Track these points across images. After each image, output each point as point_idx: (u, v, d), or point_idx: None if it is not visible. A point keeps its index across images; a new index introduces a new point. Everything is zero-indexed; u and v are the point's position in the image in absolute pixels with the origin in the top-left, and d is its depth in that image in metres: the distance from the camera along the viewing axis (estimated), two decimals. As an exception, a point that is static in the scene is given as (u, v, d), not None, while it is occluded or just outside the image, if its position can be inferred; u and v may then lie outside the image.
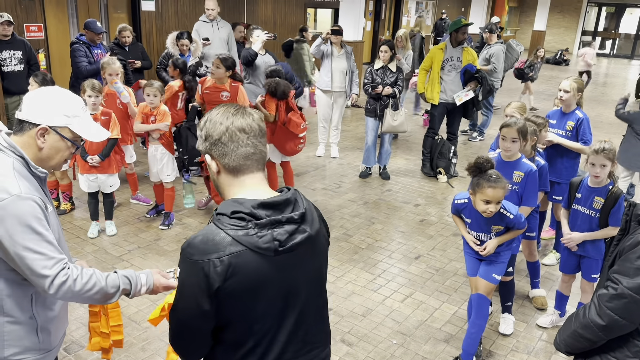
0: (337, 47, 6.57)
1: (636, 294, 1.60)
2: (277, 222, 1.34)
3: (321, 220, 1.53)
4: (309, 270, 1.46)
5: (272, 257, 1.34)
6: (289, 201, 1.40)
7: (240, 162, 1.39)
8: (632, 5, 23.29)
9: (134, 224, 4.75)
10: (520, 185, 3.19)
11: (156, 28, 10.76)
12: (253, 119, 1.41)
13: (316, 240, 1.45)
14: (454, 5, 20.86)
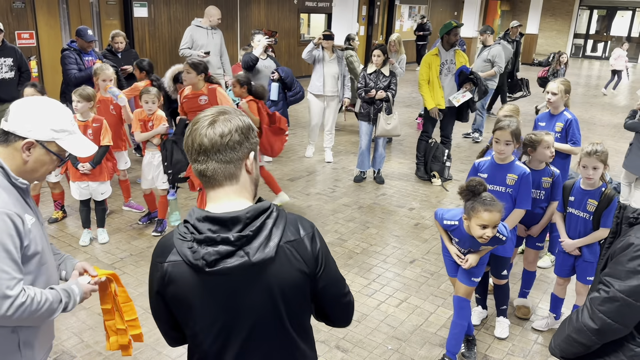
0: (329, 51, 6.59)
1: (628, 297, 1.58)
2: (211, 240, 1.28)
3: (298, 250, 1.35)
4: (255, 300, 1.34)
5: (205, 275, 1.29)
6: (237, 219, 1.29)
7: (198, 177, 1.36)
8: (622, 7, 23.47)
9: (127, 232, 4.71)
10: (513, 188, 3.17)
11: (149, 34, 10.75)
12: (209, 134, 1.30)
13: (263, 269, 1.31)
14: (447, 9, 20.97)
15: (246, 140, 1.35)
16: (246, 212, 1.30)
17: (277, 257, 1.32)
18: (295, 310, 1.40)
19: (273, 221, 1.33)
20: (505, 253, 3.22)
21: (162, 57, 10.98)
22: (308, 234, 1.39)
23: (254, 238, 1.30)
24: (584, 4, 24.31)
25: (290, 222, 1.38)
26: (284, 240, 1.34)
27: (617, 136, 8.90)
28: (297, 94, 6.43)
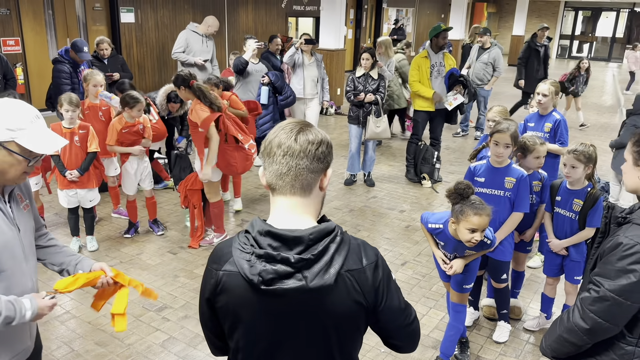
0: (308, 55, 6.67)
1: (618, 296, 1.59)
2: (271, 257, 1.22)
3: (359, 281, 1.27)
4: (306, 325, 1.29)
5: (259, 292, 1.24)
6: (300, 240, 1.22)
7: (273, 179, 1.29)
8: (607, 8, 23.78)
9: (116, 239, 4.67)
10: (512, 191, 3.12)
11: (136, 40, 10.69)
12: (301, 139, 1.26)
13: (319, 295, 1.24)
14: (434, 12, 21.11)
15: (329, 155, 1.31)
16: (309, 233, 1.23)
17: (335, 285, 1.24)
18: (347, 341, 1.34)
19: (336, 246, 1.25)
20: (504, 257, 3.21)
21: (149, 62, 10.93)
22: (371, 263, 1.30)
23: (314, 262, 1.23)
24: (569, 6, 24.60)
25: (354, 249, 1.29)
26: (345, 268, 1.26)
27: (604, 136, 8.99)
28: (288, 97, 6.45)
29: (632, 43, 19.20)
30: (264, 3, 13.53)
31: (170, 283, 3.94)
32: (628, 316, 1.62)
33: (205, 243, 4.59)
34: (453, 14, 15.42)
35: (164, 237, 4.71)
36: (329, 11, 9.86)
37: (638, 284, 1.56)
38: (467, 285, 2.95)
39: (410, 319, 1.41)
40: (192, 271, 4.13)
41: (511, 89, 10.35)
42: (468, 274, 2.92)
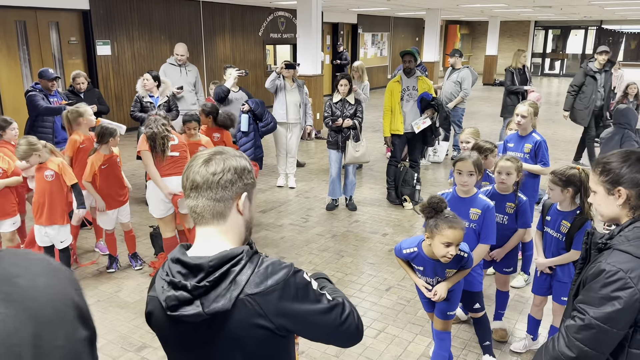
0: (289, 80, 6.71)
1: (604, 324, 1.57)
2: (174, 285, 1.25)
3: (262, 305, 1.24)
4: (211, 352, 1.30)
5: (169, 317, 1.27)
6: (200, 268, 1.24)
7: (190, 212, 1.36)
8: (575, 27, 24.51)
9: (94, 276, 4.55)
10: (477, 222, 3.05)
11: (113, 72, 10.67)
12: (202, 171, 1.30)
13: (219, 321, 1.24)
14: (408, 35, 21.51)
15: (239, 179, 1.33)
16: (210, 260, 1.25)
17: (235, 310, 1.23)
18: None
19: (238, 270, 1.25)
20: (472, 288, 3.13)
21: (127, 93, 10.89)
22: (277, 284, 1.25)
23: (212, 289, 1.24)
24: (539, 25, 25.31)
25: (260, 272, 1.26)
26: (245, 292, 1.24)
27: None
28: (269, 124, 6.46)
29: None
30: (241, 31, 13.66)
31: (150, 321, 3.84)
32: (614, 343, 1.60)
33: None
34: (427, 37, 15.72)
35: (143, 273, 4.61)
36: (305, 38, 9.97)
37: (623, 311, 1.54)
38: (451, 312, 2.91)
39: (341, 319, 1.34)
40: (173, 307, 4.03)
41: (487, 109, 10.53)
42: (451, 301, 2.88)
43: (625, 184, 1.65)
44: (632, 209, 1.66)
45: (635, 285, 1.53)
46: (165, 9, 11.48)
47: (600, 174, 1.71)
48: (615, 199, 1.68)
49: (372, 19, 18.88)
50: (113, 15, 10.42)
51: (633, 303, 1.54)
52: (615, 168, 1.67)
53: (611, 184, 1.68)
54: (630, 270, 1.54)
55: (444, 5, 14.43)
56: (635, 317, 1.56)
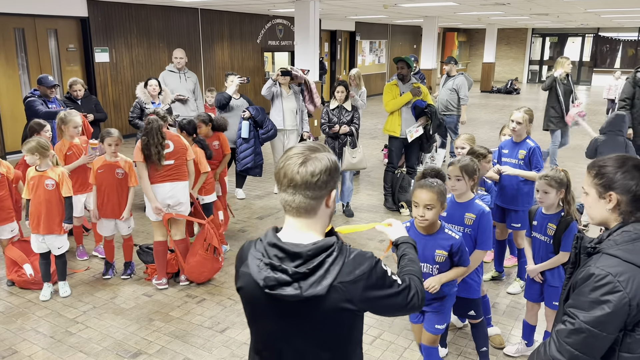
0: (286, 87, 6.72)
1: (594, 328, 1.57)
2: (274, 267, 1.44)
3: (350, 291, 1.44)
4: (301, 328, 1.50)
5: (264, 293, 1.45)
6: (299, 255, 1.43)
7: (283, 204, 1.51)
8: (573, 34, 24.65)
9: (89, 283, 4.54)
10: (472, 227, 3.03)
11: (111, 79, 10.70)
12: (302, 171, 1.44)
13: (313, 303, 1.43)
14: (406, 43, 21.62)
15: (331, 180, 1.49)
16: (308, 249, 1.43)
17: (328, 295, 1.42)
18: (340, 341, 1.53)
19: (332, 260, 1.43)
20: (468, 294, 3.11)
21: (125, 100, 10.92)
22: (363, 274, 1.45)
23: (310, 275, 1.42)
24: (537, 32, 25.45)
25: (349, 262, 1.45)
26: (338, 280, 1.43)
27: (577, 157, 9.16)
28: (269, 131, 6.49)
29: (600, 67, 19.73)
30: (239, 39, 13.72)
31: (145, 327, 3.83)
32: (604, 347, 1.60)
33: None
34: (424, 44, 15.79)
35: (139, 280, 4.60)
36: (303, 45, 10.01)
37: (612, 315, 1.55)
38: (440, 326, 2.86)
39: (407, 300, 1.56)
40: (168, 314, 4.02)
41: (484, 115, 10.55)
42: (441, 314, 2.84)
43: (617, 190, 1.65)
44: (622, 214, 1.67)
45: (624, 289, 1.54)
46: (164, 17, 11.53)
47: (594, 177, 1.71)
48: (606, 202, 1.68)
49: (370, 27, 18.97)
50: (111, 23, 10.47)
51: (622, 307, 1.54)
52: (609, 172, 1.68)
53: (604, 188, 1.68)
54: (619, 274, 1.55)
55: (441, 13, 14.51)
56: (625, 321, 1.56)
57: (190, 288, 4.44)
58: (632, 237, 1.59)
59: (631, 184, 1.63)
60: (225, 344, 3.61)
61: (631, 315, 1.55)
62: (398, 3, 11.28)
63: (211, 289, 4.44)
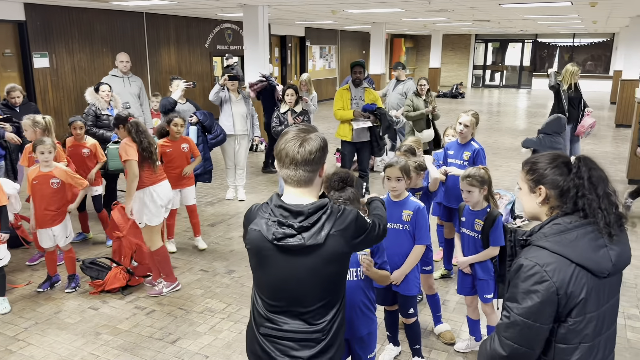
0: (234, 92, 6.67)
1: (527, 319, 1.61)
2: (281, 223, 1.77)
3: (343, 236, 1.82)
4: (304, 270, 1.82)
5: (271, 245, 1.79)
6: (302, 212, 1.77)
7: (285, 177, 1.84)
8: (513, 40, 25.71)
9: (31, 298, 4.32)
10: (410, 224, 3.14)
11: (52, 85, 10.26)
12: (302, 151, 1.76)
13: (314, 250, 1.78)
14: (355, 48, 21.91)
15: (324, 155, 1.83)
16: (308, 208, 1.78)
17: (326, 242, 1.78)
18: (334, 279, 1.89)
19: (327, 216, 1.80)
20: (409, 292, 3.17)
21: (67, 107, 10.50)
22: (351, 223, 1.84)
23: (310, 228, 1.77)
24: (479, 38, 26.38)
25: (339, 216, 1.82)
26: (333, 229, 1.79)
27: (519, 158, 9.54)
28: (218, 136, 6.38)
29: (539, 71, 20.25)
30: (187, 43, 13.49)
31: (91, 342, 3.67)
32: (541, 338, 1.64)
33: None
34: (373, 50, 16.04)
35: (85, 293, 4.42)
36: (252, 50, 9.95)
37: (542, 304, 1.59)
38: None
39: (376, 232, 2.01)
40: (116, 327, 3.88)
41: (432, 118, 10.80)
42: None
43: (547, 184, 1.72)
44: (552, 208, 1.74)
45: (550, 279, 1.59)
46: (107, 21, 11.19)
47: (527, 172, 1.80)
48: (536, 196, 1.76)
49: (320, 32, 19.10)
50: (51, 27, 10.05)
51: (550, 295, 1.59)
52: (540, 168, 1.75)
53: (534, 183, 1.76)
54: (546, 265, 1.60)
55: (388, 19, 14.80)
56: (556, 311, 1.61)
57: (139, 300, 4.31)
58: (561, 229, 1.64)
59: (559, 179, 1.71)
60: (176, 355, 3.52)
61: (562, 305, 1.60)
62: (346, 9, 11.42)
63: (161, 299, 4.32)
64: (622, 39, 19.34)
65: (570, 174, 1.70)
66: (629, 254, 1.70)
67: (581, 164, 1.70)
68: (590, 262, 1.60)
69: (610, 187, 1.70)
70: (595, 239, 1.62)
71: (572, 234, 1.62)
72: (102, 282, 4.37)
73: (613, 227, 1.64)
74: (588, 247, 1.61)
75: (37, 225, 4.23)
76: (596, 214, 1.64)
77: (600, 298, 1.65)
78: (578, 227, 1.63)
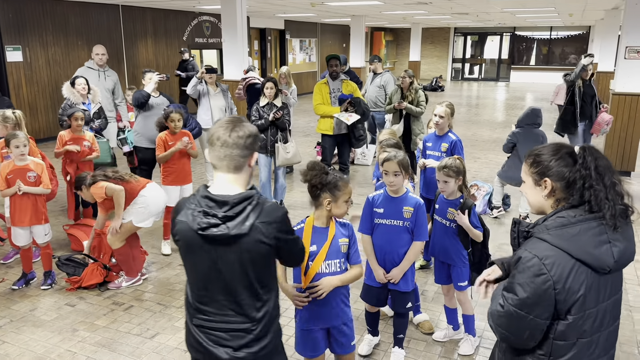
0: (212, 86, 6.62)
1: (519, 310, 1.59)
2: (206, 213, 1.79)
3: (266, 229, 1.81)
4: (230, 260, 1.82)
5: (198, 235, 1.80)
6: (226, 202, 1.79)
7: (214, 162, 1.85)
8: (492, 33, 25.95)
9: (5, 295, 4.23)
10: (410, 220, 3.04)
11: (25, 79, 10.05)
12: (233, 135, 1.81)
13: (238, 240, 1.78)
14: (335, 41, 21.88)
15: (254, 143, 1.87)
16: (233, 198, 1.79)
17: (250, 233, 1.79)
18: (260, 271, 1.87)
19: (252, 207, 1.80)
20: (407, 288, 3.14)
21: (42, 101, 10.30)
22: (276, 219, 1.83)
23: (235, 217, 1.78)
24: (458, 31, 26.56)
25: (266, 209, 1.82)
26: (258, 220, 1.80)
27: (497, 150, 9.66)
28: (193, 129, 6.30)
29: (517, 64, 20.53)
30: (164, 36, 13.32)
31: (68, 339, 3.62)
32: (534, 331, 1.62)
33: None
34: (353, 43, 16.05)
35: (61, 289, 4.35)
36: (230, 43, 9.86)
37: (536, 298, 1.57)
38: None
39: (299, 247, 2.04)
40: (93, 323, 3.83)
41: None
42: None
43: (552, 176, 1.67)
44: (557, 200, 1.69)
45: (548, 272, 1.56)
46: (82, 14, 10.97)
47: (530, 165, 1.74)
48: (541, 189, 1.70)
49: (299, 25, 19.02)
50: (24, 20, 9.83)
51: (546, 290, 1.56)
52: (544, 160, 1.70)
53: (539, 175, 1.71)
54: (545, 258, 1.57)
55: (367, 12, 14.81)
56: (554, 306, 1.58)
57: (117, 295, 4.26)
58: (564, 222, 1.60)
59: (565, 171, 1.66)
60: (155, 350, 3.49)
61: (560, 302, 1.57)
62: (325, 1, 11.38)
63: (139, 294, 4.28)
64: (597, 31, 19.67)
65: (576, 165, 1.65)
66: (632, 250, 1.64)
67: (586, 153, 1.65)
68: (591, 257, 1.56)
69: (617, 177, 1.64)
70: (598, 234, 1.58)
71: (575, 228, 1.58)
72: (79, 278, 4.31)
73: (619, 218, 1.60)
74: (590, 242, 1.57)
75: (14, 223, 4.15)
76: (603, 206, 1.59)
77: (601, 294, 1.61)
78: (582, 222, 1.59)
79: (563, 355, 1.63)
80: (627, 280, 4.58)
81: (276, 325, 1.98)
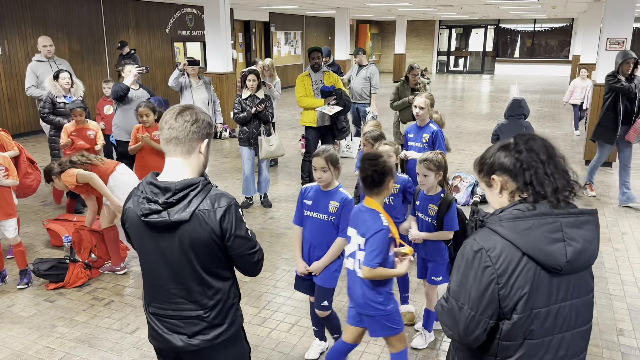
0: (195, 78, 6.56)
1: (457, 300, 1.55)
2: (148, 199, 1.77)
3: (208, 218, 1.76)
4: (172, 248, 1.80)
5: (142, 222, 1.79)
6: (169, 189, 1.76)
7: (163, 146, 1.83)
8: (476, 25, 26.04)
9: (-17, 293, 4.16)
10: (336, 215, 2.96)
11: (4, 73, 9.87)
12: (179, 119, 1.79)
13: (179, 226, 1.76)
14: (320, 34, 21.79)
15: (204, 129, 1.84)
16: (176, 185, 1.76)
17: (191, 220, 1.75)
18: (205, 260, 1.83)
19: (195, 193, 1.77)
20: (323, 283, 3.04)
21: (21, 95, 10.11)
22: (220, 207, 1.78)
23: (176, 204, 1.75)
24: (443, 24, 26.61)
25: (211, 197, 1.79)
26: (200, 208, 1.76)
27: (482, 142, 9.71)
28: None
29: (502, 56, 20.63)
30: (147, 28, 13.14)
31: (47, 335, 3.57)
32: (472, 327, 1.54)
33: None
34: (338, 36, 15.99)
35: (40, 285, 4.28)
36: (214, 35, 9.77)
37: (477, 290, 1.51)
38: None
39: (254, 250, 1.90)
40: (73, 318, 3.78)
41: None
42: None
43: (496, 172, 1.62)
44: (511, 194, 1.61)
45: (492, 265, 1.49)
46: (62, 6, 10.77)
47: (478, 172, 1.70)
48: (494, 189, 1.65)
49: (284, 18, 18.90)
50: (2, 12, 9.62)
51: (489, 283, 1.49)
52: (486, 160, 1.66)
53: (487, 176, 1.65)
54: (491, 249, 1.50)
55: (352, 4, 14.74)
56: (497, 302, 1.51)
57: (97, 290, 4.20)
58: (518, 215, 1.52)
59: (505, 162, 1.60)
60: (135, 345, 3.45)
61: (503, 297, 1.50)
62: (309, -7, 11.31)
63: (120, 289, 4.23)
64: (580, 24, 19.84)
65: (511, 151, 1.60)
66: (592, 253, 1.54)
67: (517, 138, 1.62)
68: (541, 254, 1.48)
69: (558, 153, 1.59)
70: (552, 231, 1.49)
71: (528, 222, 1.50)
72: (62, 283, 4.22)
73: (562, 193, 1.54)
74: (542, 238, 1.48)
75: None
76: (543, 181, 1.54)
77: (553, 295, 1.52)
78: (537, 216, 1.51)
79: (510, 356, 1.56)
80: (608, 269, 4.64)
81: (233, 314, 1.95)
